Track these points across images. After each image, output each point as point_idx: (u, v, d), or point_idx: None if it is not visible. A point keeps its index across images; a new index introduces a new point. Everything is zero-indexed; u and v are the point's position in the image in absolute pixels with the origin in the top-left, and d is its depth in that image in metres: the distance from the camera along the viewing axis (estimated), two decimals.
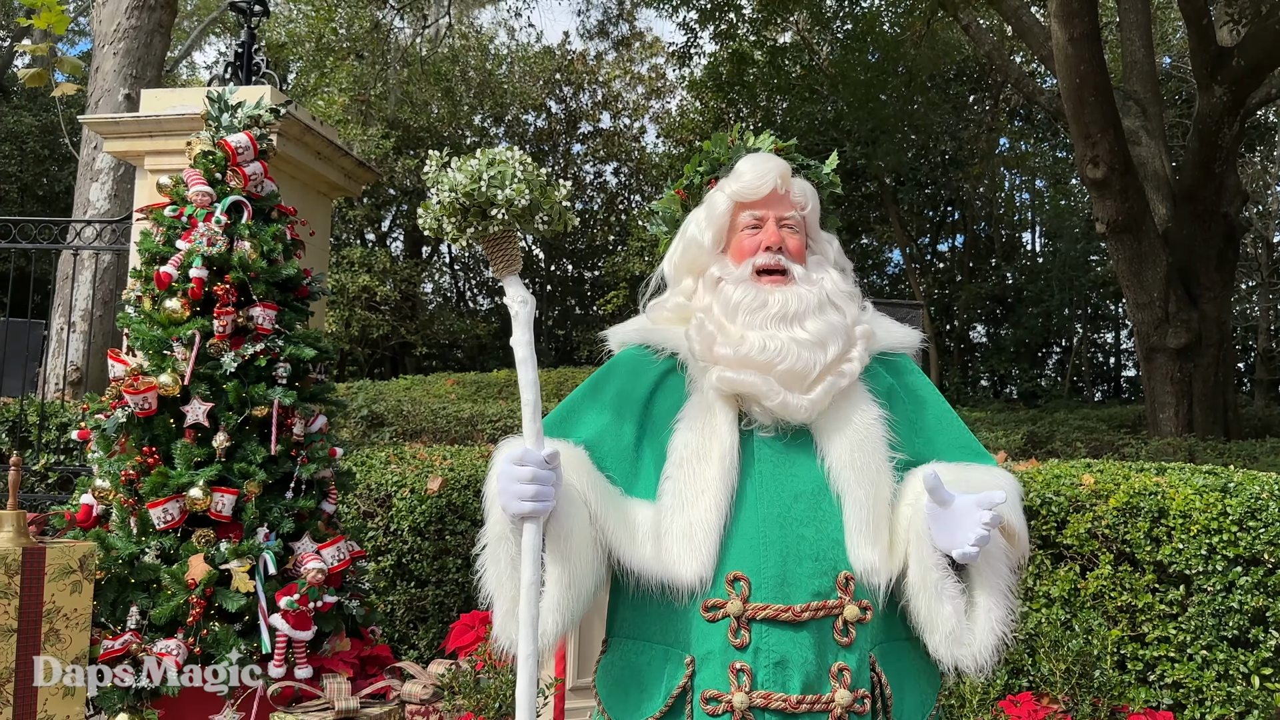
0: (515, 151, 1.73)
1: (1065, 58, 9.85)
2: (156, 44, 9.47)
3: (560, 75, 25.01)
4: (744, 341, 1.80)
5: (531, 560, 1.65)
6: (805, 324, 1.81)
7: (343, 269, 19.49)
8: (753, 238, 1.91)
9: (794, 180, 1.98)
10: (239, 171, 4.37)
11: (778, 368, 1.77)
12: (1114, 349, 26.86)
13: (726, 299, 1.86)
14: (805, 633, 1.68)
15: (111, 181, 9.00)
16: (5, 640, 3.34)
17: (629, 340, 2.00)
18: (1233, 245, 11.84)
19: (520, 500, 1.62)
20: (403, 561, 5.27)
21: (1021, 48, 17.99)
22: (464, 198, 1.70)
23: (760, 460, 1.79)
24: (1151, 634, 4.34)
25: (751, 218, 1.93)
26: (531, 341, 1.75)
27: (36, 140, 21.10)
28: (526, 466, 1.63)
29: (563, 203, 1.77)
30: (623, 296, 21.17)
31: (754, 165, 1.94)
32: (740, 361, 1.79)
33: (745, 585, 1.70)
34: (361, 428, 8.98)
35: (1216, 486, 4.37)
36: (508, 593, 1.74)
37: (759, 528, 1.73)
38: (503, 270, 1.76)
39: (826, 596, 1.70)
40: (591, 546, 1.72)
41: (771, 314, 1.82)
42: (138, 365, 4.19)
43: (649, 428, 1.86)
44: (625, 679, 1.80)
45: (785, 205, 1.94)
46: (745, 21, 16.14)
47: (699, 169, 2.05)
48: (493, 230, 1.72)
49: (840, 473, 1.76)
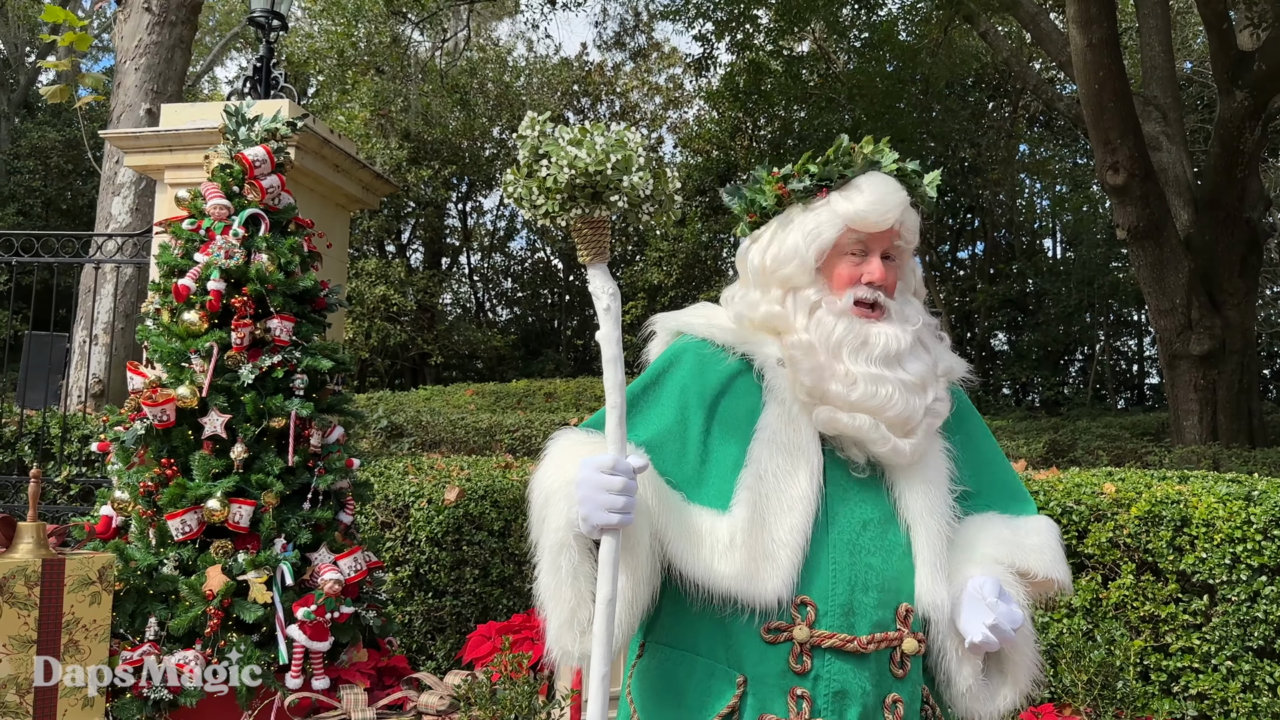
0: (636, 133, 1.62)
1: (1084, 63, 9.79)
2: (177, 59, 9.56)
3: (578, 86, 25.10)
4: (855, 383, 1.72)
5: (610, 575, 1.58)
6: (906, 366, 1.76)
7: (361, 279, 19.60)
8: (855, 267, 1.80)
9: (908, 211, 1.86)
10: (256, 185, 4.41)
11: (887, 414, 1.71)
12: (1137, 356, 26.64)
13: (827, 331, 1.76)
14: (868, 664, 1.66)
15: (133, 195, 9.09)
16: (25, 651, 3.37)
17: (692, 331, 1.88)
18: (1256, 251, 11.71)
19: (609, 512, 1.55)
20: (420, 572, 5.27)
21: (1040, 54, 17.90)
22: (583, 178, 1.57)
23: (831, 484, 1.74)
24: (1175, 644, 4.28)
25: (858, 243, 1.80)
26: (621, 339, 1.63)
27: (60, 155, 21.37)
28: (618, 476, 1.56)
29: (675, 195, 1.66)
30: (641, 306, 21.15)
31: (874, 190, 1.80)
32: (852, 405, 1.72)
33: (812, 611, 1.66)
34: (381, 438, 9.00)
35: (1240, 495, 4.32)
36: (568, 603, 1.65)
37: (829, 554, 1.69)
38: (594, 257, 1.64)
39: (887, 628, 1.68)
40: (652, 559, 1.67)
41: (875, 354, 1.74)
42: (156, 378, 4.22)
43: (716, 430, 1.77)
44: (662, 689, 1.76)
45: (894, 237, 1.83)
46: (762, 32, 16.14)
47: (811, 169, 1.87)
48: (600, 215, 1.61)
49: (913, 507, 1.74)
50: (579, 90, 25.21)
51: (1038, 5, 13.19)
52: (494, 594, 5.22)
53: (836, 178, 1.85)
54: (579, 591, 1.64)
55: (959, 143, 20.79)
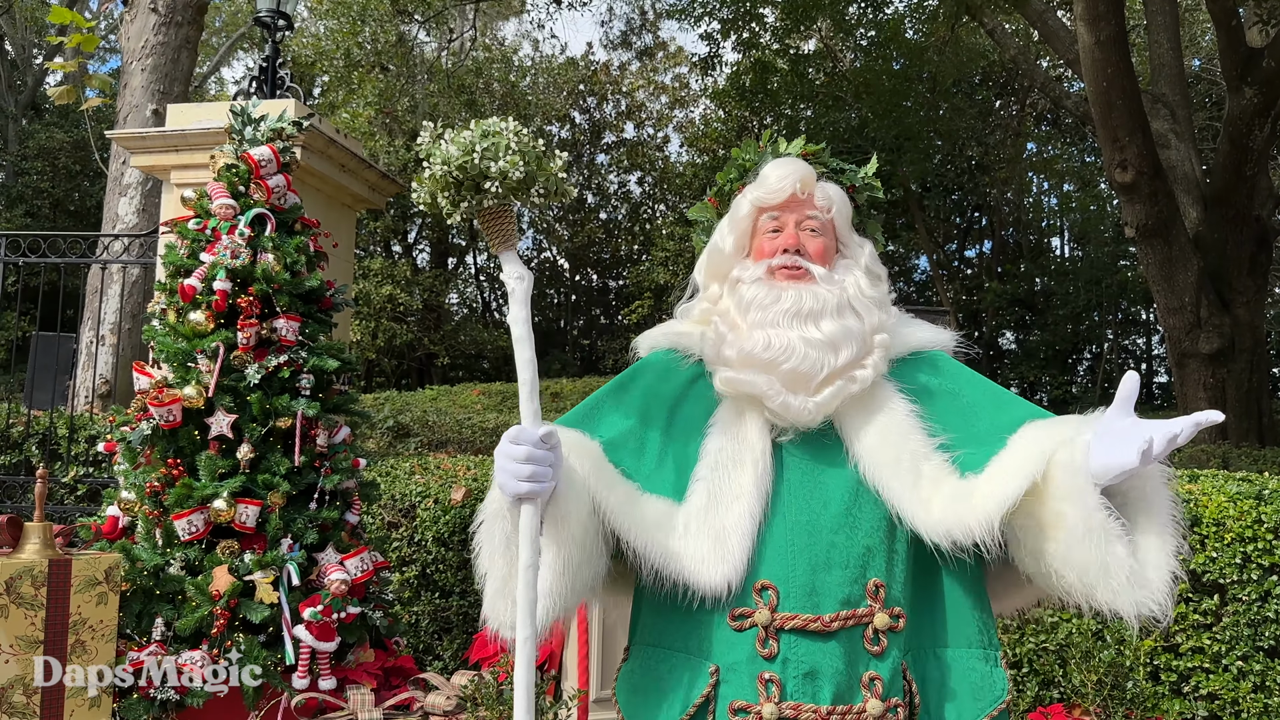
0: (509, 122, 1.67)
1: (1092, 61, 9.75)
2: (184, 60, 9.58)
3: (584, 86, 25.07)
4: (749, 340, 1.77)
5: (529, 542, 1.60)
6: (820, 324, 1.77)
7: (368, 279, 19.61)
8: (773, 240, 1.89)
9: (820, 184, 1.94)
10: (262, 184, 4.40)
11: (781, 367, 1.74)
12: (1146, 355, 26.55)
13: (741, 297, 1.84)
14: (835, 643, 1.65)
15: (139, 196, 9.10)
16: (33, 651, 3.36)
17: (658, 344, 1.98)
18: (1265, 249, 11.67)
19: (517, 480, 1.58)
20: (427, 572, 5.27)
21: (1048, 51, 17.85)
22: (457, 171, 1.64)
23: (789, 467, 1.76)
24: (1185, 644, 4.26)
25: (772, 221, 1.90)
26: (529, 319, 1.69)
27: (68, 156, 21.41)
28: (522, 445, 1.59)
29: (559, 174, 1.70)
30: (647, 306, 21.15)
31: (775, 169, 1.91)
32: (744, 361, 1.76)
33: (773, 594, 1.67)
34: (388, 438, 9.00)
35: (1251, 494, 4.29)
36: (499, 571, 1.69)
37: (787, 536, 1.70)
38: (499, 245, 1.70)
39: (856, 605, 1.67)
40: (593, 537, 1.68)
41: (784, 309, 1.78)
42: (162, 378, 4.22)
43: (674, 432, 1.83)
44: (645, 686, 1.77)
45: (807, 208, 1.90)
46: (768, 30, 16.12)
47: (730, 176, 2.02)
48: (487, 204, 1.66)
49: (873, 469, 1.72)
50: (585, 90, 25.20)
51: (1045, 3, 13.15)
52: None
53: (748, 172, 1.99)
54: (510, 560, 1.66)
55: (966, 141, 20.73)
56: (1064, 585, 1.64)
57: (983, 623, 1.76)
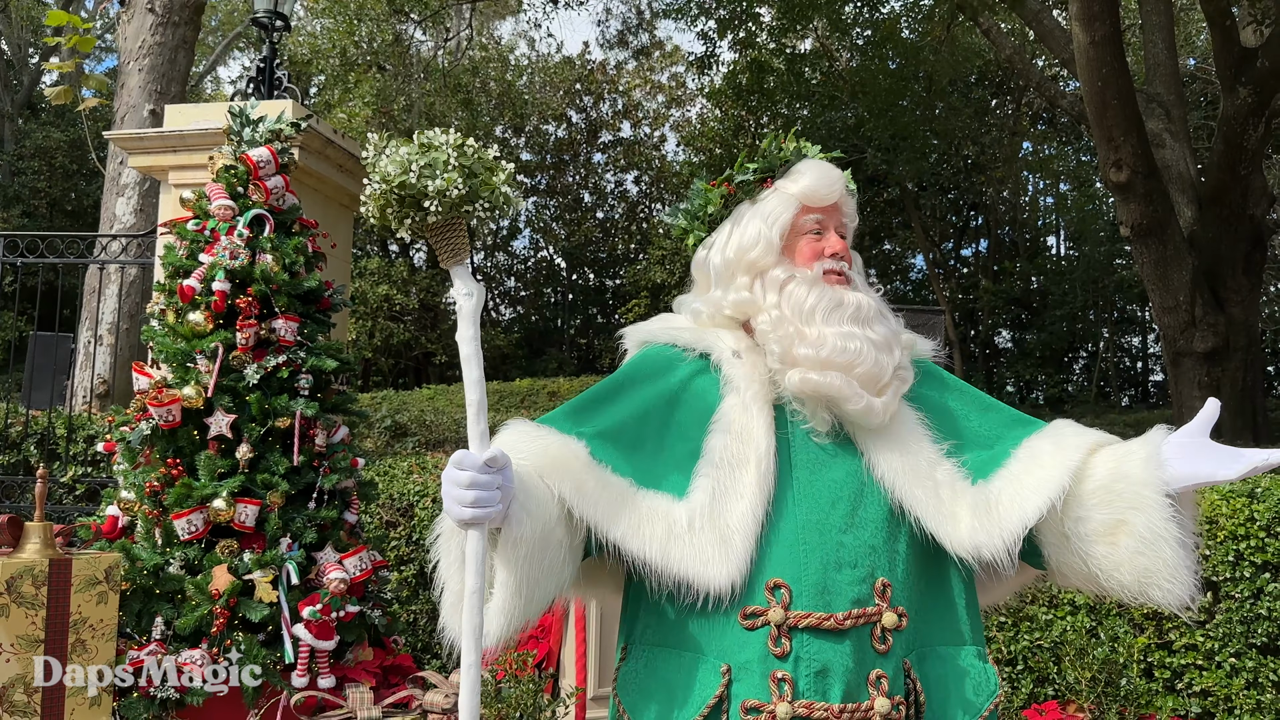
0: (450, 135, 1.63)
1: (1087, 60, 9.78)
2: (181, 60, 9.59)
3: (580, 85, 25.08)
4: (824, 343, 1.78)
5: (474, 569, 1.56)
6: (874, 327, 1.82)
7: (364, 279, 19.61)
8: (816, 243, 1.90)
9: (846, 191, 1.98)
10: (261, 185, 4.42)
11: (857, 370, 1.76)
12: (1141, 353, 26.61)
13: (799, 301, 1.83)
14: (846, 641, 1.67)
15: (137, 196, 9.11)
16: (33, 650, 3.38)
17: (654, 339, 1.97)
18: (1260, 248, 11.69)
19: (460, 506, 1.54)
20: (425, 571, 5.29)
21: (1043, 51, 17.89)
22: (397, 189, 1.60)
23: (797, 466, 1.77)
24: (1179, 641, 4.29)
25: (814, 222, 1.91)
26: (477, 337, 1.65)
27: (65, 156, 21.38)
28: (466, 471, 1.55)
29: (503, 188, 1.65)
30: (644, 305, 21.14)
31: (821, 171, 1.93)
32: (823, 363, 1.76)
33: (786, 593, 1.67)
34: (385, 438, 9.02)
35: (1244, 492, 4.32)
36: (454, 586, 1.66)
37: (798, 534, 1.71)
38: (448, 260, 1.66)
39: (865, 604, 1.68)
40: (555, 551, 1.65)
41: (848, 313, 1.81)
42: (162, 378, 4.24)
43: (674, 428, 1.83)
44: (652, 688, 1.76)
45: (842, 215, 1.95)
46: (764, 29, 16.13)
47: (751, 165, 1.98)
48: (430, 221, 1.63)
49: (892, 476, 1.75)
50: (581, 89, 25.21)
51: (1040, 2, 13.17)
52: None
53: (778, 167, 1.97)
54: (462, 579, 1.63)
55: (962, 140, 20.75)
56: (1113, 584, 1.72)
57: (975, 621, 1.80)
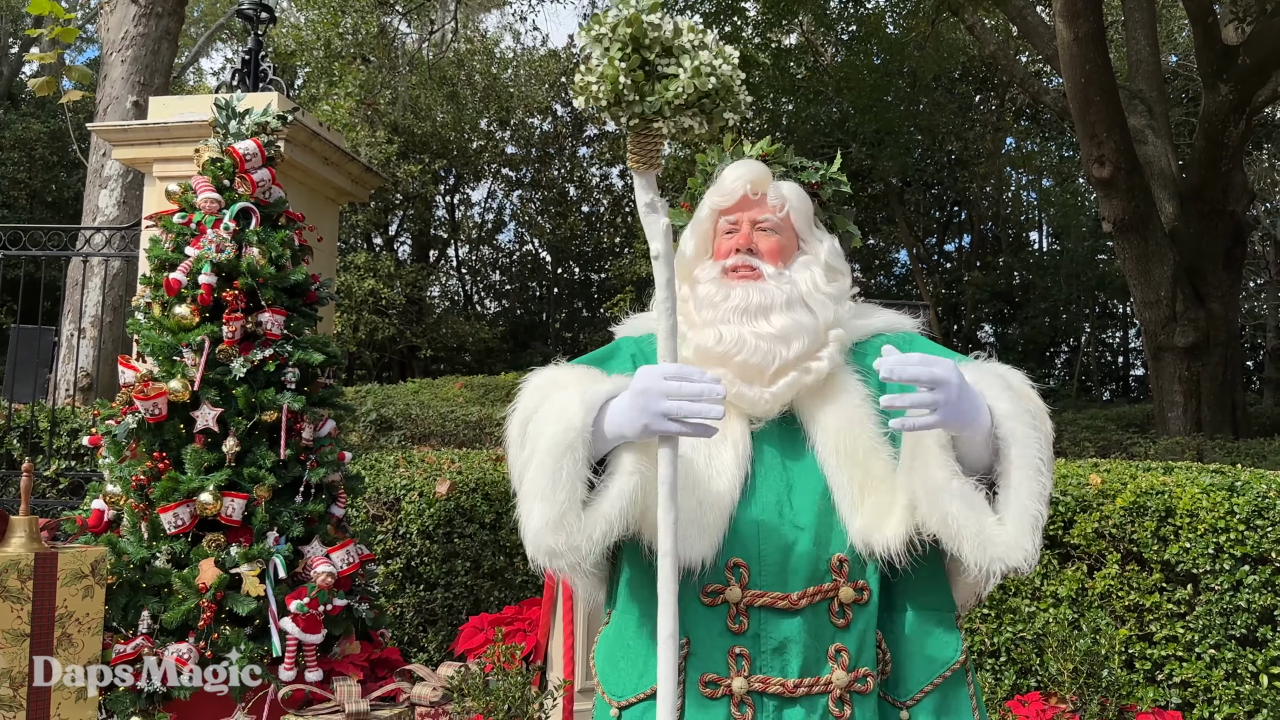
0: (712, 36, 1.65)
1: (1070, 57, 9.84)
2: (164, 51, 9.52)
3: (565, 78, 25.04)
4: (702, 335, 1.86)
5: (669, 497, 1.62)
6: (770, 318, 1.84)
7: (350, 272, 19.53)
8: (729, 241, 1.96)
9: (774, 184, 2.01)
10: (247, 178, 4.40)
11: (734, 359, 1.81)
12: (1122, 348, 26.81)
13: (699, 297, 1.92)
14: (801, 618, 1.73)
15: (120, 188, 9.05)
16: (18, 645, 3.37)
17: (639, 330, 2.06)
18: (1240, 244, 11.81)
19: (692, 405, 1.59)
20: (412, 565, 5.30)
21: (1027, 47, 17.97)
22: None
23: (762, 452, 1.83)
24: (1159, 633, 4.34)
25: (728, 223, 1.98)
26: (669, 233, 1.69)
27: (45, 147, 21.18)
28: (695, 383, 1.60)
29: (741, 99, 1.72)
30: (629, 299, 21.15)
31: (730, 172, 2.00)
32: (699, 356, 1.85)
33: (745, 572, 1.74)
34: (370, 431, 9.00)
35: (1224, 485, 4.37)
36: (560, 505, 1.64)
37: (760, 516, 1.77)
38: (641, 165, 1.70)
39: (821, 581, 1.74)
40: None
41: (731, 306, 1.85)
42: (148, 371, 4.22)
43: None
44: (617, 654, 1.85)
45: (760, 208, 1.97)
46: (749, 24, 16.15)
47: (698, 180, 2.10)
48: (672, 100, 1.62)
49: (825, 459, 1.80)
50: (567, 82, 25.16)
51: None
52: (485, 586, 5.25)
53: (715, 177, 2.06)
54: (573, 494, 1.65)
55: (946, 136, 20.85)
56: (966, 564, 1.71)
57: (942, 587, 1.85)
